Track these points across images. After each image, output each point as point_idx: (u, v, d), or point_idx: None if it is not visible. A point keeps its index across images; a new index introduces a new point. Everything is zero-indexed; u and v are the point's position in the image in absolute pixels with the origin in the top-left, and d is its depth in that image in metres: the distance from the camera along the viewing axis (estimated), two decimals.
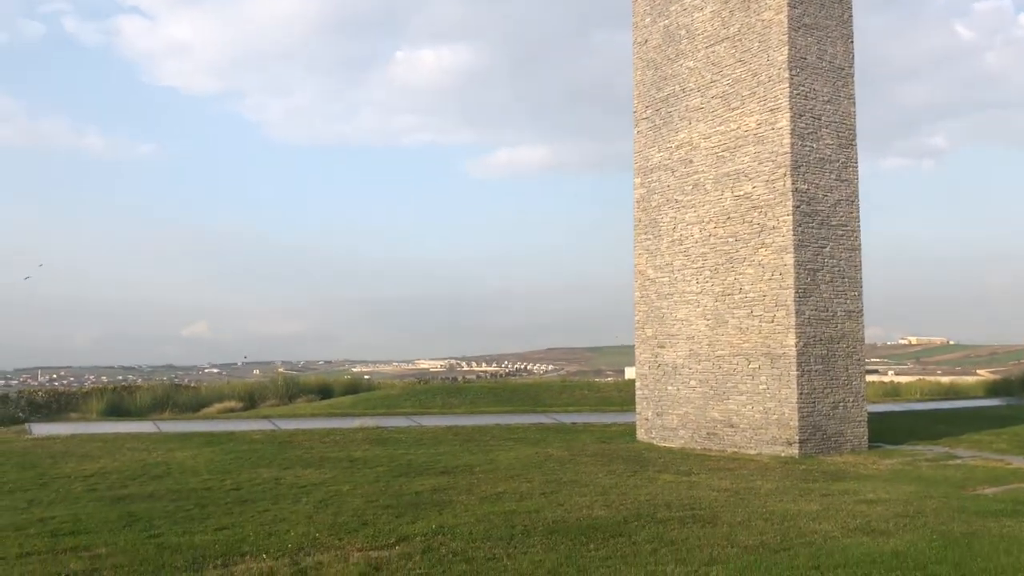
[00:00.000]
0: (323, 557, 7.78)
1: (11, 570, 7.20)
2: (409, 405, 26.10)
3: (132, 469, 13.48)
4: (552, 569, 7.29)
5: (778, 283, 17.35)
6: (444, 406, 26.22)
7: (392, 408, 25.25)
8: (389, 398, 27.66)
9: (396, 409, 25.07)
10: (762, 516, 10.00)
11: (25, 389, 28.09)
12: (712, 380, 18.50)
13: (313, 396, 28.98)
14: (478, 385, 34.58)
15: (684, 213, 19.43)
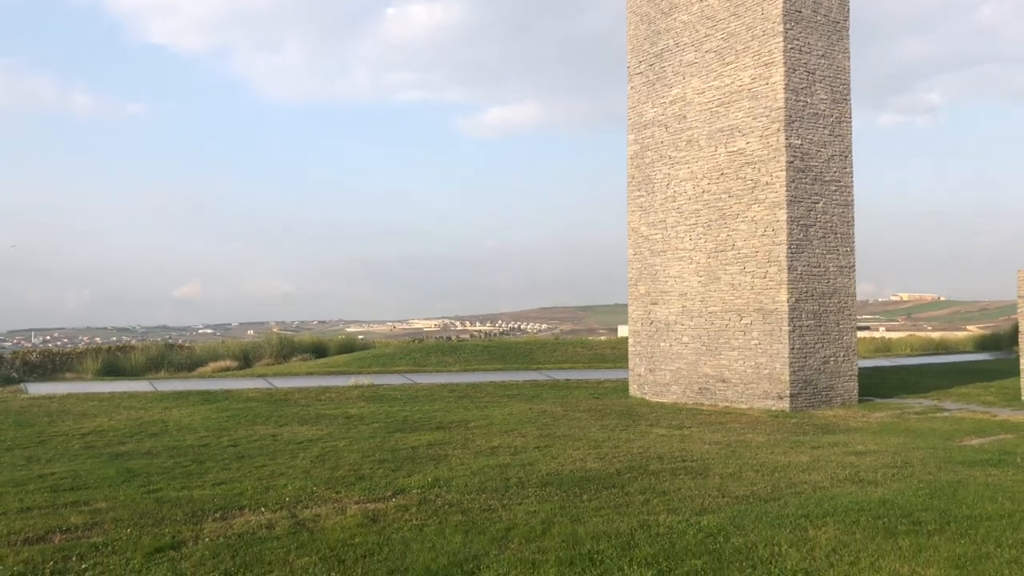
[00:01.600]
0: (321, 510, 7.89)
1: (12, 523, 7.30)
2: (404, 363, 26.23)
3: (129, 427, 13.57)
4: (546, 519, 7.42)
5: (771, 239, 17.39)
6: (439, 364, 26.35)
7: (387, 366, 25.37)
8: (384, 357, 27.77)
9: (391, 367, 25.20)
10: (753, 468, 10.16)
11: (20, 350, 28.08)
12: (704, 336, 18.63)
13: (308, 355, 29.07)
14: (472, 344, 34.73)
15: (677, 169, 19.37)
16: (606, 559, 6.20)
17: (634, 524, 7.24)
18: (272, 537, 6.90)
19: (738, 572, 5.88)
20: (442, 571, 5.94)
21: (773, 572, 5.86)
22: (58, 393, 18.29)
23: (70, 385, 20.21)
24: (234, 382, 21.16)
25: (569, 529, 7.06)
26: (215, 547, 6.59)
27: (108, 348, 26.77)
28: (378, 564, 6.14)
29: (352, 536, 6.89)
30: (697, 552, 6.36)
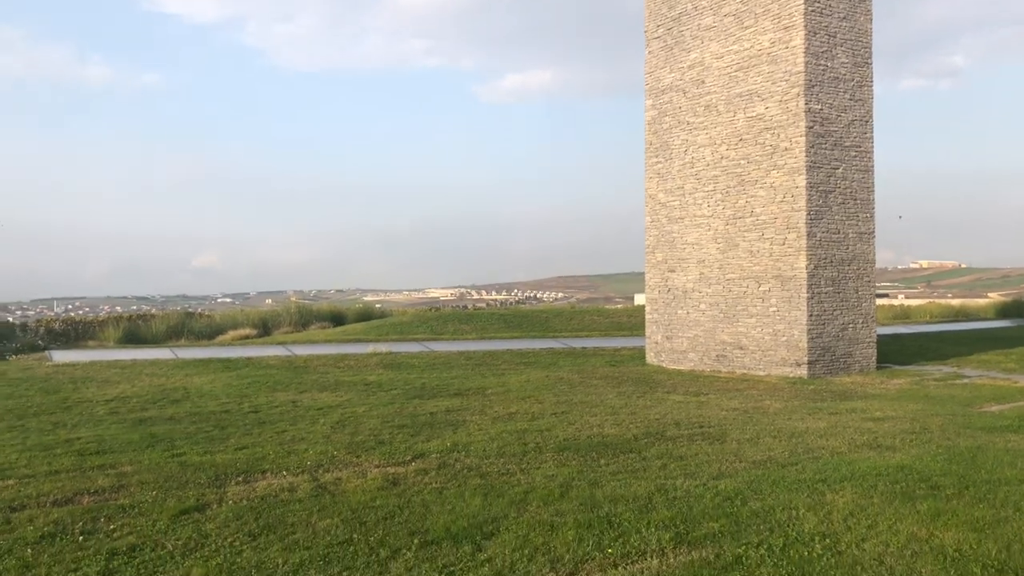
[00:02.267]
0: (342, 473, 8.00)
1: (41, 486, 7.45)
2: (421, 331, 26.36)
3: (151, 394, 13.76)
4: (564, 483, 7.49)
5: (790, 205, 17.25)
6: (455, 332, 26.46)
7: (404, 334, 25.51)
8: (401, 325, 27.91)
9: (408, 335, 25.34)
10: (770, 433, 10.18)
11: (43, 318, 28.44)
12: (722, 303, 18.58)
13: (326, 323, 29.25)
14: (489, 312, 34.81)
15: (695, 135, 19.19)
16: (624, 522, 6.25)
17: (651, 488, 7.30)
18: (294, 500, 7.01)
19: (755, 535, 5.92)
20: (462, 533, 6.02)
21: (790, 535, 5.90)
22: (81, 360, 18.55)
23: (93, 353, 20.49)
24: (254, 350, 21.37)
25: (587, 492, 7.13)
26: (239, 509, 6.71)
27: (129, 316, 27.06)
28: (399, 526, 6.23)
29: (373, 499, 6.99)
30: (714, 515, 6.40)
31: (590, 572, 5.26)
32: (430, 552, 5.65)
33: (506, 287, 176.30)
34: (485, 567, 5.35)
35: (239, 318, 28.53)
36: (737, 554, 5.49)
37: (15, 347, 20.87)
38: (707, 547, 5.67)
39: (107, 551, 5.71)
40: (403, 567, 5.36)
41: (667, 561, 5.41)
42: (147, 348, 22.16)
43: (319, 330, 27.90)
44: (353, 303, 37.87)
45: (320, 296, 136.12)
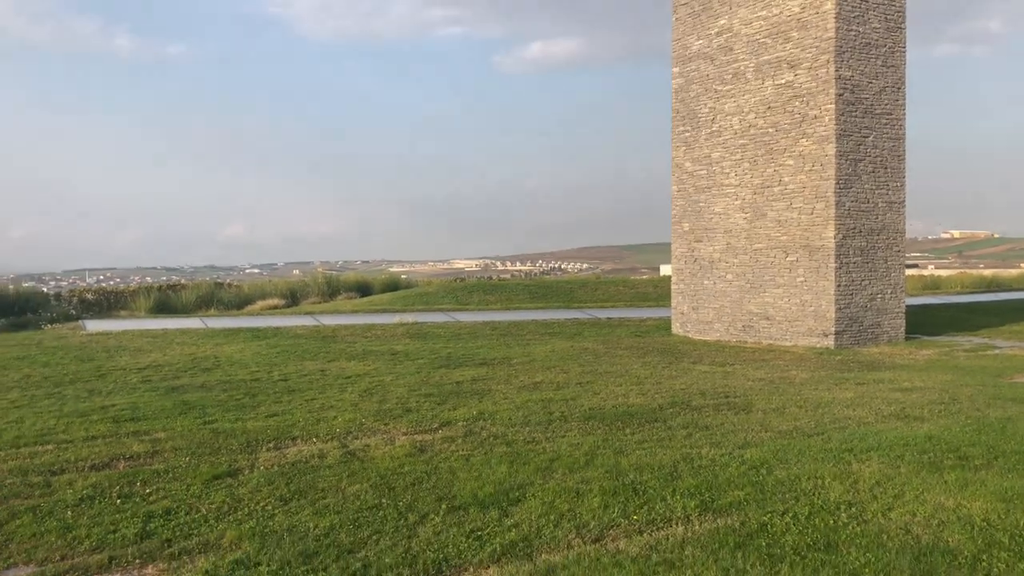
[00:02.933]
0: (370, 440, 8.12)
1: (79, 451, 7.65)
2: (446, 302, 26.48)
3: (183, 362, 14.00)
4: (589, 451, 7.55)
5: (818, 174, 17.03)
6: (480, 303, 26.55)
7: (430, 305, 25.65)
8: (427, 295, 28.05)
9: (434, 306, 25.47)
10: (796, 403, 10.16)
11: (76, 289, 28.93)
12: (749, 273, 18.46)
13: (353, 294, 29.48)
14: (513, 283, 34.87)
15: (723, 103, 18.95)
16: (649, 489, 6.30)
17: (677, 457, 7.33)
18: (324, 466, 7.14)
19: (781, 503, 5.94)
20: (488, 499, 6.10)
21: (816, 504, 5.92)
22: (114, 330, 18.88)
23: (125, 322, 20.84)
24: (282, 319, 21.62)
25: (612, 461, 7.18)
26: (270, 475, 6.85)
27: (159, 287, 27.46)
28: (427, 491, 6.33)
29: (401, 465, 7.10)
30: (740, 484, 6.43)
31: (616, 538, 5.33)
32: (457, 517, 5.74)
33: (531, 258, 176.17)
34: (512, 532, 5.43)
35: (267, 288, 28.84)
36: (762, 522, 5.52)
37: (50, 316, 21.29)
38: (732, 515, 5.71)
39: (144, 514, 5.86)
40: (431, 531, 5.46)
41: (692, 528, 5.45)
42: (177, 318, 22.50)
43: (346, 300, 28.12)
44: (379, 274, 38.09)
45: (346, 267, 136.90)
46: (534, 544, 5.23)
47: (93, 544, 5.33)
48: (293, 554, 5.06)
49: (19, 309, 21.69)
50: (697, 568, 4.74)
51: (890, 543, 5.10)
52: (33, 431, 8.50)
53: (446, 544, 5.23)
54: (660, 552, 5.00)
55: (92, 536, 5.44)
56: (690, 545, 5.11)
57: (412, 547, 5.18)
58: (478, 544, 5.23)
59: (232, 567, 4.88)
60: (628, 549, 5.07)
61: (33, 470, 7.02)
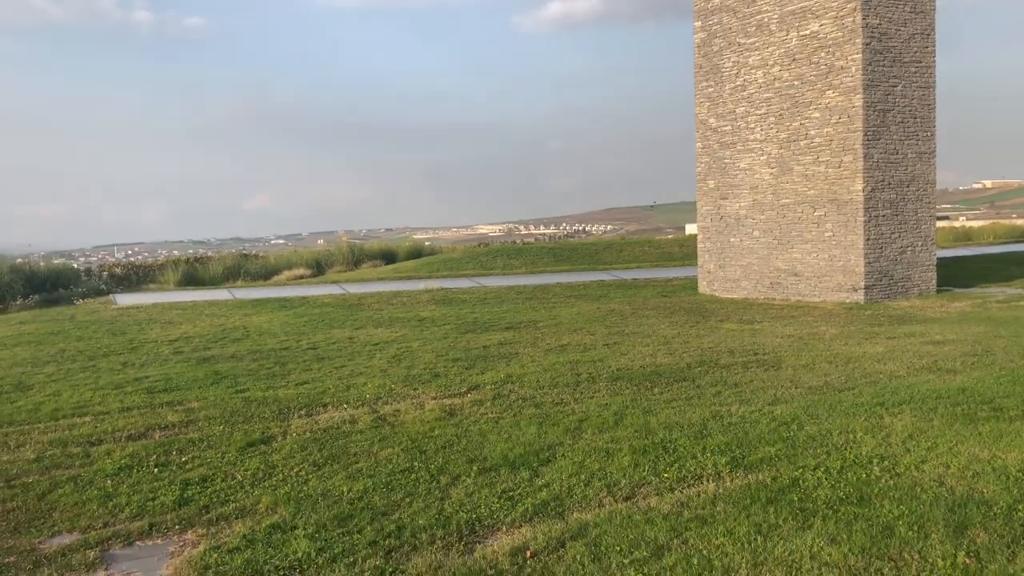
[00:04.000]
0: (400, 405, 8.19)
1: (116, 422, 7.79)
2: (471, 267, 26.49)
3: (212, 333, 14.16)
4: (618, 411, 7.55)
5: (845, 126, 16.71)
6: (505, 267, 26.54)
7: (455, 271, 25.68)
8: (451, 261, 28.08)
9: (459, 272, 25.50)
10: (826, 359, 10.09)
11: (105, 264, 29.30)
12: (776, 230, 18.25)
13: (378, 261, 29.58)
14: (538, 246, 34.78)
15: (747, 57, 18.59)
16: (679, 447, 6.30)
17: (706, 415, 7.32)
18: (356, 431, 7.21)
19: (812, 458, 5.91)
20: (519, 460, 6.14)
21: (848, 458, 5.88)
22: (144, 303, 19.13)
23: (154, 295, 21.10)
24: (309, 289, 21.77)
25: (641, 420, 7.18)
26: (303, 441, 6.94)
27: (186, 259, 27.71)
28: (458, 454, 6.38)
29: (431, 429, 7.16)
30: (770, 440, 6.41)
31: (647, 496, 5.34)
32: (489, 478, 5.79)
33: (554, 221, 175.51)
34: (543, 492, 5.46)
35: (293, 259, 29.01)
36: (794, 477, 5.51)
37: (81, 292, 21.60)
38: (763, 470, 5.70)
39: (181, 481, 5.98)
40: (463, 492, 5.51)
41: (724, 484, 5.45)
42: (205, 290, 22.73)
43: (371, 268, 28.23)
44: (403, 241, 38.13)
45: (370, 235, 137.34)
46: (565, 503, 5.26)
47: (133, 511, 5.44)
48: (328, 517, 5.13)
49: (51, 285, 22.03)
50: (729, 523, 4.75)
51: (924, 495, 5.07)
52: (70, 403, 8.67)
53: (478, 505, 5.27)
54: (691, 508, 5.01)
55: (132, 504, 5.56)
56: (721, 501, 5.11)
57: (445, 508, 5.23)
58: (510, 504, 5.27)
59: (269, 531, 4.96)
60: (659, 506, 5.08)
61: (72, 441, 7.17)
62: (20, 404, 8.76)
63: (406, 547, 4.68)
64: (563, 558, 4.41)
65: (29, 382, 10.10)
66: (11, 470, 6.42)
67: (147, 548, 4.93)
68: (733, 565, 4.22)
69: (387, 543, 4.73)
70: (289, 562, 4.51)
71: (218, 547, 4.76)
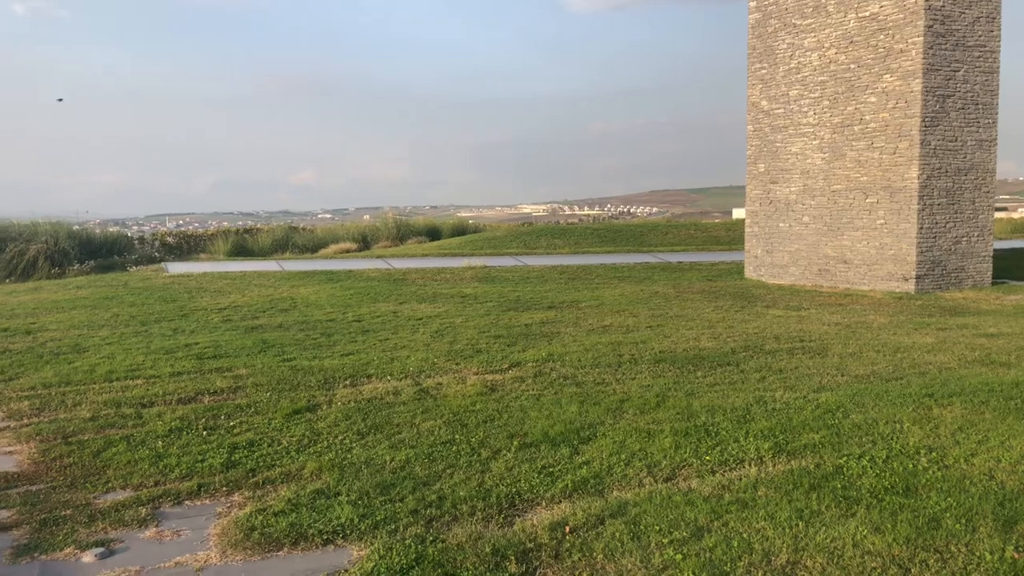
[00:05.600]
0: (442, 379, 8.26)
1: (167, 386, 8.00)
2: (514, 246, 26.51)
3: (261, 303, 14.42)
4: (660, 393, 7.53)
5: (903, 112, 16.29)
6: (548, 247, 26.50)
7: (498, 249, 25.72)
8: (495, 240, 28.12)
9: (502, 250, 25.53)
10: (874, 348, 9.91)
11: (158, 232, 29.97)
12: (826, 216, 17.92)
13: (422, 238, 29.77)
14: (582, 227, 34.64)
15: (802, 39, 18.19)
16: (722, 431, 6.27)
17: (750, 399, 7.26)
18: (399, 402, 7.31)
19: (857, 447, 5.84)
20: (559, 437, 6.16)
21: (894, 448, 5.80)
22: (195, 272, 19.53)
23: (204, 265, 21.53)
24: (354, 263, 22.01)
25: (684, 403, 7.15)
26: (347, 410, 7.05)
27: (236, 231, 28.19)
28: (498, 428, 6.43)
29: (473, 403, 7.22)
30: (815, 427, 6.34)
31: (688, 477, 5.33)
32: (529, 454, 5.82)
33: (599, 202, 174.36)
34: (583, 469, 5.48)
35: (339, 232, 29.34)
36: (838, 464, 5.44)
37: (135, 259, 22.14)
38: (807, 457, 5.64)
39: (228, 445, 6.12)
40: (503, 467, 5.56)
41: (766, 469, 5.41)
42: (254, 260, 23.12)
43: (415, 244, 28.42)
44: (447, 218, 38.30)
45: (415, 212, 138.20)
46: (605, 481, 5.28)
47: (183, 472, 5.60)
48: (371, 485, 5.22)
49: (106, 252, 22.62)
50: (771, 508, 4.72)
51: (972, 488, 4.98)
52: (124, 366, 8.91)
53: (518, 479, 5.32)
54: (733, 492, 4.99)
55: (182, 465, 5.71)
56: (763, 486, 5.08)
57: (485, 481, 5.29)
58: (550, 480, 5.30)
59: (313, 496, 5.07)
60: (700, 488, 5.07)
61: (125, 402, 7.38)
62: (77, 365, 9.04)
63: (446, 517, 4.75)
64: (602, 535, 4.43)
65: (85, 344, 10.41)
66: (68, 427, 6.64)
67: (196, 508, 5.08)
68: (774, 549, 4.20)
69: (428, 512, 4.79)
70: (332, 527, 4.61)
71: (264, 510, 4.88)
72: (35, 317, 12.94)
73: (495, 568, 4.09)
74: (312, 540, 4.48)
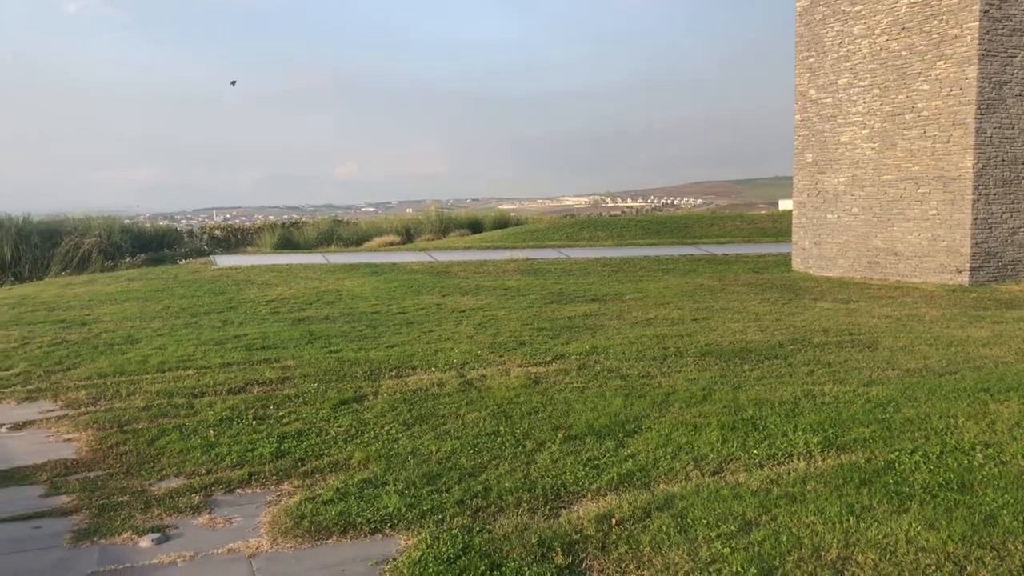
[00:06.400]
0: (486, 371, 8.29)
1: (217, 376, 8.15)
2: (557, 238, 26.46)
3: (307, 295, 14.61)
4: (706, 386, 7.46)
5: (957, 99, 15.86)
6: (591, 239, 26.40)
7: (540, 241, 25.70)
8: (537, 232, 28.10)
9: (544, 242, 25.50)
10: (926, 341, 9.70)
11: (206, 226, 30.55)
12: (876, 207, 17.55)
13: (464, 231, 29.88)
14: (625, 219, 34.44)
15: (852, 26, 17.81)
16: (769, 424, 6.19)
17: (798, 393, 7.16)
18: (443, 394, 7.36)
19: (910, 442, 5.72)
20: (604, 429, 6.15)
21: (948, 443, 5.67)
22: (242, 265, 19.86)
23: (251, 257, 21.88)
24: (398, 255, 22.18)
25: (730, 396, 7.08)
26: (393, 401, 7.12)
27: (282, 224, 28.60)
28: (543, 420, 6.43)
29: (517, 395, 7.23)
30: (865, 421, 6.23)
31: (735, 471, 5.28)
32: (574, 446, 5.82)
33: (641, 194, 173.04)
34: (629, 462, 5.46)
35: (383, 226, 29.59)
36: (890, 459, 5.35)
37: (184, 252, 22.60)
38: (857, 452, 5.55)
39: (278, 435, 6.23)
40: (548, 459, 5.56)
41: (815, 464, 5.34)
42: (300, 253, 23.43)
43: (458, 237, 28.54)
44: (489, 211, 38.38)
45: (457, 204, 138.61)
46: (651, 474, 5.25)
47: (234, 461, 5.71)
48: (417, 475, 5.27)
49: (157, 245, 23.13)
50: (820, 503, 4.65)
51: None
52: (175, 357, 9.11)
53: (563, 471, 5.32)
54: (781, 486, 4.93)
55: (233, 453, 5.83)
56: (812, 480, 5.01)
57: (530, 473, 5.30)
58: (595, 472, 5.30)
59: (361, 485, 5.13)
60: (748, 482, 5.02)
61: (177, 392, 7.55)
62: (130, 356, 9.27)
63: (492, 508, 4.77)
64: (648, 528, 4.41)
65: (138, 335, 10.66)
66: (123, 416, 6.81)
67: (246, 496, 5.18)
68: (824, 544, 4.14)
69: (474, 503, 4.82)
70: (380, 516, 4.66)
71: (313, 498, 4.95)
72: (90, 309, 13.29)
73: (541, 559, 4.10)
74: (360, 529, 4.54)
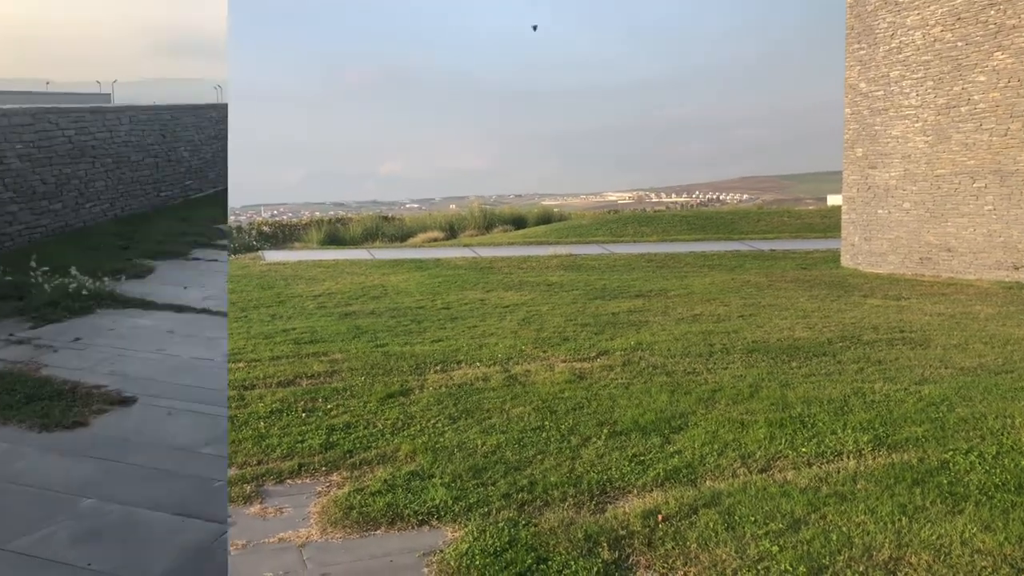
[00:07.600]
0: (530, 366, 8.32)
1: (267, 369, 8.30)
2: (600, 234, 26.35)
3: (353, 290, 14.78)
4: (753, 383, 7.39)
5: (1015, 91, 15.42)
6: (635, 235, 26.24)
7: (584, 237, 25.62)
8: (580, 228, 28.02)
9: (588, 238, 25.41)
10: (981, 339, 9.47)
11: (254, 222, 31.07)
12: (929, 202, 17.16)
13: (508, 226, 29.91)
14: (670, 214, 34.15)
15: (904, 17, 17.42)
16: (818, 422, 6.12)
17: (847, 391, 7.05)
18: (488, 388, 7.40)
19: (964, 442, 5.61)
20: (650, 425, 6.13)
21: (1005, 444, 5.54)
22: (290, 260, 20.16)
23: (299, 253, 22.20)
24: (442, 251, 22.30)
25: (778, 393, 7.00)
26: (439, 395, 7.19)
27: (328, 220, 28.97)
28: (588, 416, 6.44)
29: (561, 391, 7.24)
30: (917, 420, 6.11)
31: (783, 469, 5.23)
32: (619, 442, 5.82)
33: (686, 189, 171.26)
34: (675, 458, 5.44)
35: (427, 222, 29.79)
36: (943, 459, 5.25)
37: (233, 247, 23.01)
38: (909, 451, 5.46)
39: (326, 427, 6.33)
40: (594, 454, 5.57)
41: (865, 462, 5.26)
42: (346, 249, 23.70)
43: (501, 233, 28.59)
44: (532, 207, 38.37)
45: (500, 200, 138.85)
46: (698, 471, 5.23)
47: (284, 452, 5.82)
48: (463, 468, 5.31)
49: None
50: (871, 502, 4.59)
51: None
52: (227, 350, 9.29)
53: (609, 467, 5.32)
54: (830, 484, 4.87)
55: (283, 445, 5.94)
56: (863, 479, 4.94)
57: (576, 468, 5.31)
58: (641, 468, 5.29)
59: (408, 478, 5.20)
60: (796, 480, 4.97)
61: (229, 385, 7.70)
62: None
63: (538, 502, 4.79)
64: (695, 524, 4.40)
65: None
66: None
67: (296, 486, 5.28)
68: (875, 544, 4.09)
69: (520, 497, 4.85)
70: (427, 508, 4.72)
71: (361, 490, 5.03)
72: None
73: (587, 554, 4.11)
74: (408, 520, 4.61)
